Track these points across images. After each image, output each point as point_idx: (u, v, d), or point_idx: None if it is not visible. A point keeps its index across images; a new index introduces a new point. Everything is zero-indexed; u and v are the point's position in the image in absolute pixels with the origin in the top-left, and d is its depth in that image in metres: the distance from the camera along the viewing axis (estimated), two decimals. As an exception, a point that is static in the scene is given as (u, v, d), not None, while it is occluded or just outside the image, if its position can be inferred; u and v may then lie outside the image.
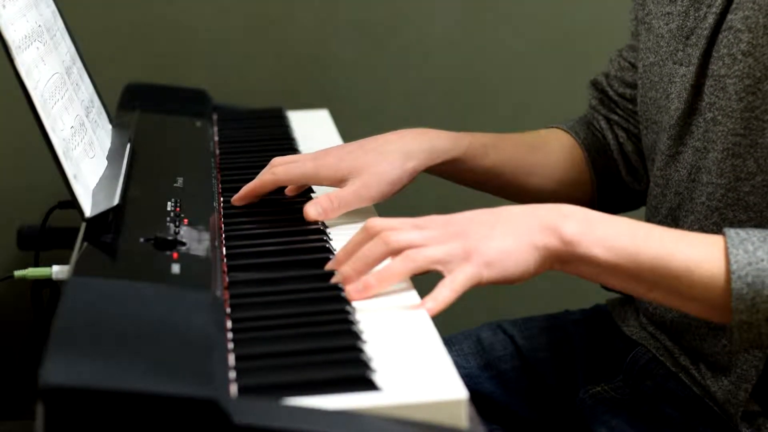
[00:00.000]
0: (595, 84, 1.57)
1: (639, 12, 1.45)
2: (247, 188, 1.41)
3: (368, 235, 1.16)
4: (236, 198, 1.41)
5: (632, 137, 1.52)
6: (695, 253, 1.14)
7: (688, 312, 1.21)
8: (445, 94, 2.22)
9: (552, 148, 1.54)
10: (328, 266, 1.19)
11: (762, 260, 1.11)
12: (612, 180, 1.54)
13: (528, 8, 2.20)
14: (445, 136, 1.46)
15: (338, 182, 1.39)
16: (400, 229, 1.16)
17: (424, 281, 1.23)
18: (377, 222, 1.17)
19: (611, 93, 1.54)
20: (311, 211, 1.35)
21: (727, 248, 1.13)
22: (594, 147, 1.54)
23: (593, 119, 1.56)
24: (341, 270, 1.16)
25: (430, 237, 1.15)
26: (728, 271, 1.12)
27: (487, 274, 1.13)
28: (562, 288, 1.88)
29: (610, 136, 1.53)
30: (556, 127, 1.57)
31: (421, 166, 1.42)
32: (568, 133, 1.55)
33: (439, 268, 1.14)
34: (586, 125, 1.56)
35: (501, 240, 1.14)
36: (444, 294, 1.13)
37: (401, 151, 1.41)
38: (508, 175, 1.51)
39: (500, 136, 1.52)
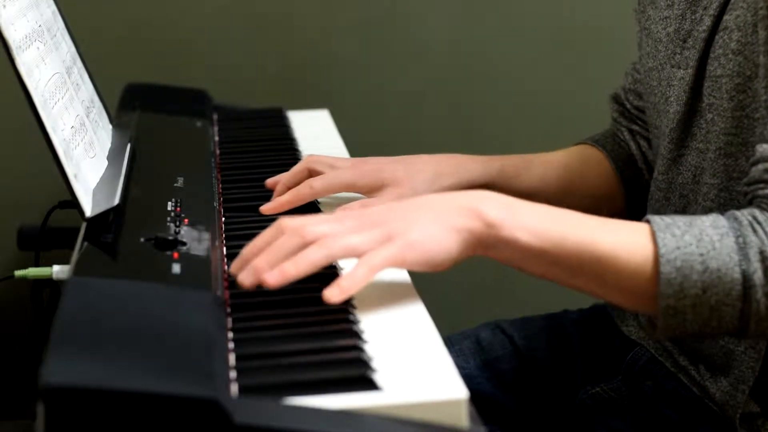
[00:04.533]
0: (615, 98, 1.57)
1: (641, 19, 1.45)
2: (280, 200, 1.40)
3: (280, 232, 1.13)
4: (268, 208, 1.39)
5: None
6: (621, 239, 1.13)
7: (609, 300, 1.20)
8: (445, 94, 2.22)
9: (583, 166, 1.54)
10: (233, 267, 1.14)
11: (690, 244, 1.10)
12: (640, 189, 1.54)
13: (528, 8, 2.20)
14: (475, 160, 1.47)
15: (374, 190, 1.41)
16: (316, 223, 1.13)
17: (425, 282, 1.23)
18: (290, 219, 1.13)
19: (629, 106, 1.54)
20: None
21: (654, 233, 1.11)
22: (621, 158, 1.54)
23: (617, 131, 1.56)
24: (254, 263, 1.11)
25: (348, 227, 1.12)
26: (656, 256, 1.10)
27: (410, 255, 1.11)
28: (562, 288, 1.89)
29: (633, 146, 1.53)
30: (584, 143, 1.57)
31: (451, 188, 1.43)
32: (595, 147, 1.55)
33: (359, 254, 1.11)
34: (612, 137, 1.56)
35: (422, 225, 1.12)
36: (360, 271, 1.10)
37: (434, 172, 1.43)
38: (542, 197, 1.50)
39: (530, 158, 1.53)
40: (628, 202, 1.54)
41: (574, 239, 1.12)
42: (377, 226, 1.12)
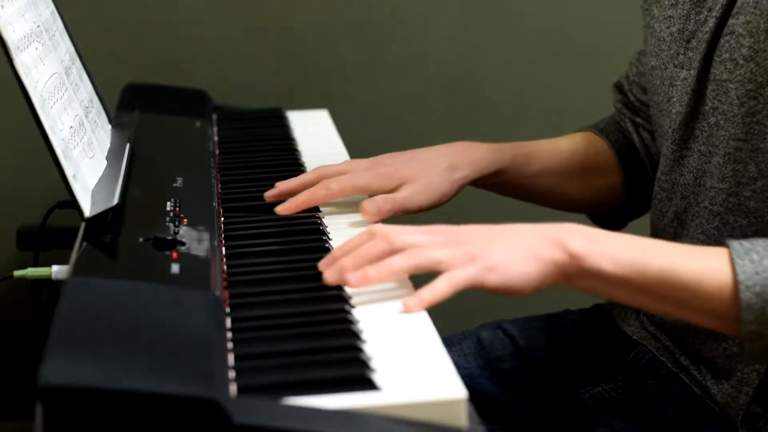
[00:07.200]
0: (618, 87, 1.58)
1: (646, 17, 1.45)
2: (295, 201, 1.40)
3: (371, 237, 1.16)
4: (283, 208, 1.40)
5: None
6: (701, 265, 1.13)
7: (696, 323, 1.21)
8: (445, 94, 2.22)
9: (587, 154, 1.56)
10: (322, 264, 1.18)
11: None
12: (642, 180, 1.54)
13: (528, 8, 2.20)
14: (489, 148, 1.49)
15: (391, 190, 1.42)
16: (404, 232, 1.16)
17: (425, 282, 1.23)
18: (382, 226, 1.17)
19: (632, 98, 1.55)
20: (370, 208, 1.37)
21: (732, 259, 1.12)
22: (624, 148, 1.55)
23: (620, 120, 1.57)
24: (341, 261, 1.15)
25: (434, 240, 1.15)
26: (735, 282, 1.11)
27: (490, 278, 1.12)
28: (562, 288, 1.89)
29: (635, 138, 1.54)
30: (588, 130, 1.58)
31: (467, 178, 1.46)
32: (599, 136, 1.56)
33: (442, 268, 1.13)
34: (616, 125, 1.57)
35: (506, 249, 1.13)
36: (441, 285, 1.12)
37: (449, 164, 1.45)
38: (549, 183, 1.53)
39: (537, 145, 1.54)
40: (630, 192, 1.55)
41: (656, 267, 1.13)
42: (463, 245, 1.14)
